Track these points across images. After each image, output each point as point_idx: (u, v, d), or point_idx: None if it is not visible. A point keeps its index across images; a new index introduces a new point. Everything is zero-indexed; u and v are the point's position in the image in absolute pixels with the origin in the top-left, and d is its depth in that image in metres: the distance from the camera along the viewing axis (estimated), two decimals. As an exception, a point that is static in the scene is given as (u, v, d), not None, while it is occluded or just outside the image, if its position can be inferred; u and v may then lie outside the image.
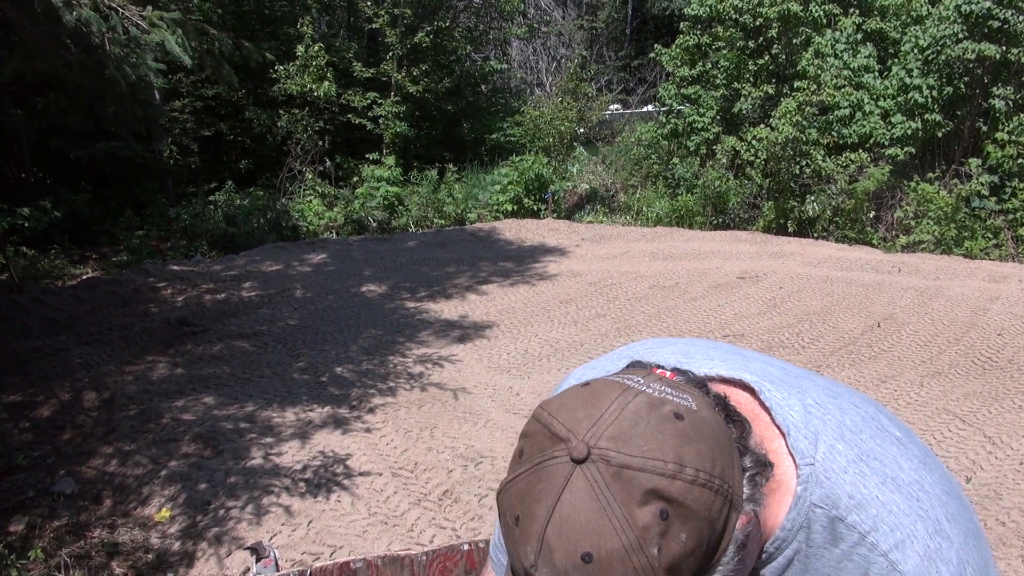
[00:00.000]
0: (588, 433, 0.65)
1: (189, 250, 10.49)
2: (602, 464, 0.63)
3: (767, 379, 0.83)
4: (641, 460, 0.63)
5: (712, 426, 0.68)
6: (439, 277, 9.01)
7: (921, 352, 6.53)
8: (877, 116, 12.13)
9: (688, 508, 0.63)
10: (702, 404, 0.70)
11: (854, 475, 0.76)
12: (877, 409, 0.85)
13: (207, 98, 13.68)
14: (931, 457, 0.82)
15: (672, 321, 7.30)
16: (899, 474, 0.77)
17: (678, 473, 0.63)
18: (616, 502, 0.62)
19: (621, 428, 0.65)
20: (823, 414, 0.80)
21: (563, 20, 23.68)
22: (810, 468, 0.76)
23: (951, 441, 4.82)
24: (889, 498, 0.75)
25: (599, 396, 0.69)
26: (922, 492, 0.76)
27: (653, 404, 0.67)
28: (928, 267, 9.44)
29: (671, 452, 0.64)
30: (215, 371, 5.89)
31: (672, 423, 0.66)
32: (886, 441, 0.79)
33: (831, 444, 0.77)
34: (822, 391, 0.84)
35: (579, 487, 0.63)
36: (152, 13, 4.92)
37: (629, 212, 13.26)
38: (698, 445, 0.65)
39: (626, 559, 0.61)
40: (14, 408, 5.18)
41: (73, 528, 3.89)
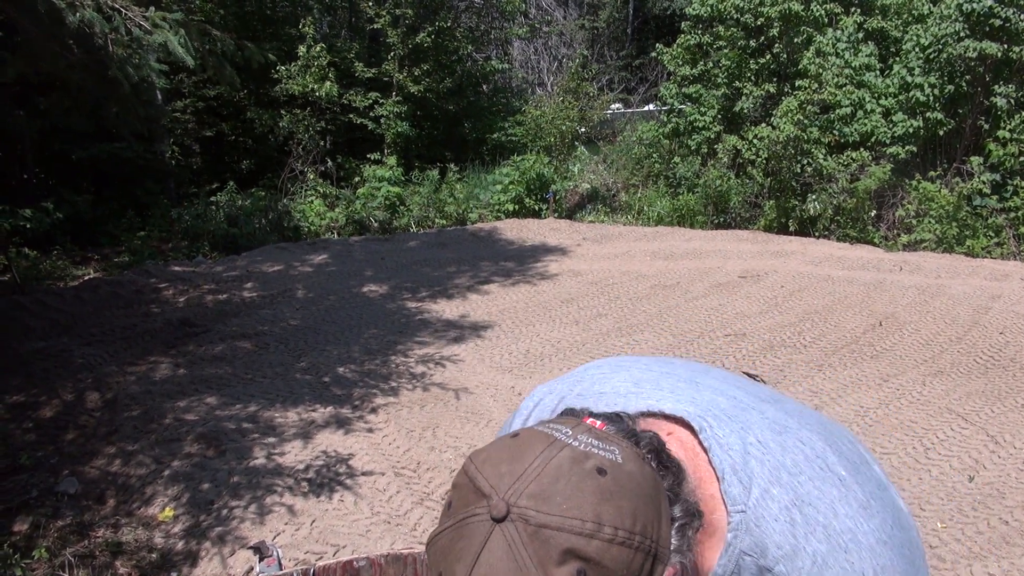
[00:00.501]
0: (509, 490, 0.65)
1: (191, 251, 10.50)
2: (520, 523, 0.63)
3: (711, 413, 0.82)
4: (559, 519, 0.63)
5: (637, 479, 0.67)
6: (440, 277, 9.01)
7: (923, 351, 6.53)
8: (878, 115, 12.12)
9: (606, 567, 0.62)
10: (629, 456, 0.69)
11: (784, 523, 0.75)
12: (826, 443, 0.83)
13: (209, 98, 13.70)
14: (877, 497, 0.80)
15: (673, 320, 7.31)
16: (832, 522, 0.75)
17: (596, 532, 0.62)
18: (532, 563, 0.62)
19: (542, 485, 0.65)
20: (763, 454, 0.79)
21: (564, 20, 23.68)
22: (741, 515, 0.75)
23: (953, 440, 4.82)
24: (816, 548, 0.74)
25: (524, 450, 0.68)
26: (852, 543, 0.75)
27: (576, 459, 0.67)
28: (930, 266, 9.44)
29: (590, 511, 0.63)
30: (217, 371, 5.89)
31: (594, 479, 0.65)
32: (826, 483, 0.78)
33: (765, 488, 0.76)
34: (768, 426, 0.82)
35: (497, 546, 0.63)
36: (155, 14, 4.93)
37: (630, 211, 13.26)
38: (619, 502, 0.64)
39: None
40: (17, 408, 5.19)
41: (77, 528, 3.90)
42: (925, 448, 4.73)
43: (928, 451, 4.69)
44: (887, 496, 0.82)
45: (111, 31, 4.70)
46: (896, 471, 4.46)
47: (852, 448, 0.86)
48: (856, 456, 0.84)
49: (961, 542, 3.75)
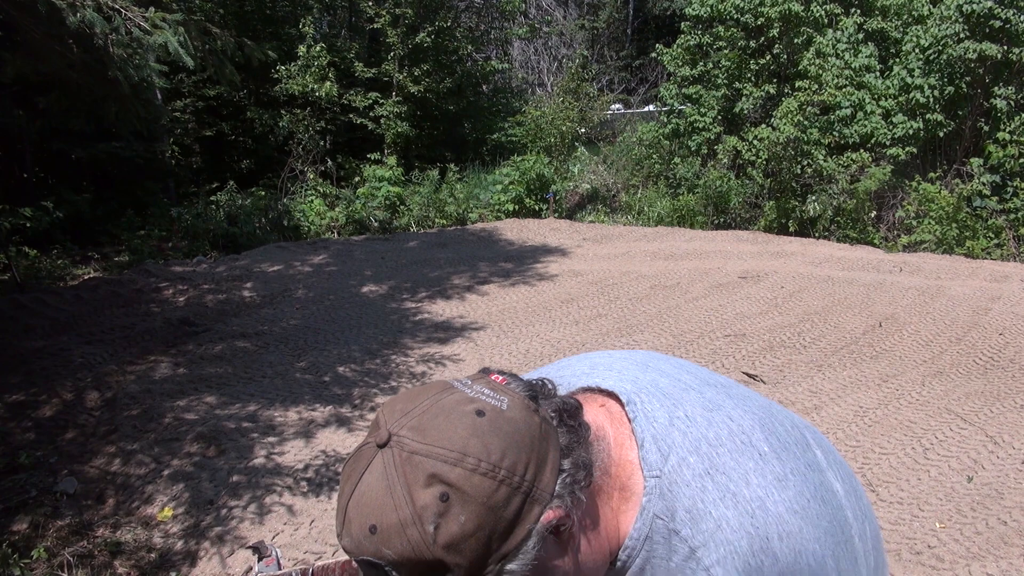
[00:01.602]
0: (395, 423, 0.73)
1: (191, 250, 10.50)
2: (397, 449, 0.71)
3: (646, 391, 0.86)
4: (428, 448, 0.70)
5: (517, 425, 0.73)
6: (440, 277, 9.01)
7: (923, 352, 6.53)
8: (878, 116, 12.13)
9: (467, 493, 0.69)
10: (516, 405, 0.75)
11: (696, 489, 0.79)
12: (758, 424, 0.85)
13: (209, 98, 13.70)
14: (800, 474, 0.82)
15: (673, 321, 7.31)
16: (742, 490, 0.78)
17: (459, 461, 0.69)
18: (400, 483, 0.69)
19: (423, 420, 0.72)
20: (687, 427, 0.82)
21: (564, 20, 23.69)
22: (656, 480, 0.80)
23: (953, 441, 4.82)
24: (722, 513, 0.77)
25: (421, 393, 0.76)
26: (760, 510, 0.78)
27: (461, 402, 0.74)
28: (929, 267, 9.44)
29: (458, 443, 0.70)
30: (217, 371, 5.89)
31: (470, 418, 0.72)
32: (744, 456, 0.81)
33: (683, 457, 0.80)
34: (701, 404, 0.86)
35: (376, 469, 0.71)
36: (155, 14, 4.93)
37: (630, 212, 13.26)
38: (488, 439, 0.71)
39: (402, 532, 0.68)
40: (16, 408, 5.19)
41: (76, 527, 3.90)
42: (924, 448, 4.73)
43: (927, 451, 4.69)
44: (816, 476, 0.84)
45: (111, 31, 4.70)
46: (895, 471, 4.46)
47: (791, 433, 0.88)
48: (792, 440, 0.86)
49: (959, 542, 3.76)
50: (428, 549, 0.68)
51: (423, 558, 0.69)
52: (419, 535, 0.68)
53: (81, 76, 5.71)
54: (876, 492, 4.24)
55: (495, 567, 0.72)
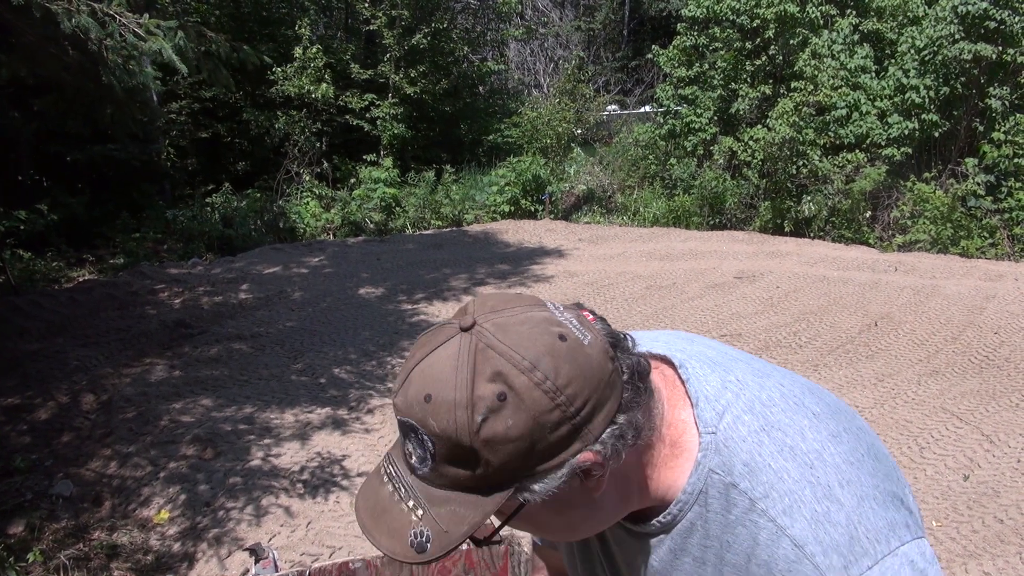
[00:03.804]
0: (483, 316, 0.75)
1: (186, 252, 10.48)
2: (476, 338, 0.73)
3: (697, 358, 0.88)
4: (505, 348, 0.72)
5: (591, 363, 0.74)
6: (437, 279, 9.01)
7: (918, 351, 6.55)
8: (874, 116, 12.16)
9: (523, 402, 0.70)
10: (596, 345, 0.76)
11: (752, 444, 0.80)
12: (806, 389, 0.87)
13: (204, 100, 13.67)
14: (851, 432, 0.84)
15: (669, 321, 7.31)
16: (799, 444, 0.80)
17: (528, 371, 0.71)
18: (468, 368, 0.71)
19: (509, 322, 0.74)
20: (739, 389, 0.84)
21: (560, 21, 23.70)
22: (711, 436, 0.81)
23: (948, 439, 4.83)
24: (782, 466, 0.78)
25: (514, 300, 0.78)
26: (818, 460, 0.79)
27: (548, 321, 0.75)
28: (924, 266, 9.47)
29: (533, 354, 0.72)
30: (213, 373, 5.89)
31: (552, 338, 0.73)
32: (798, 415, 0.83)
33: (737, 415, 0.82)
34: (751, 372, 0.87)
35: (451, 347, 0.73)
36: (149, 21, 4.93)
37: (626, 213, 13.27)
38: (561, 363, 0.72)
39: (452, 411, 0.70)
40: (12, 411, 5.18)
41: (72, 530, 3.89)
42: (920, 447, 4.74)
43: (923, 450, 4.71)
44: (868, 438, 0.85)
45: (105, 37, 4.69)
46: (891, 471, 4.47)
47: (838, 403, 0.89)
48: (840, 407, 0.88)
49: (956, 540, 3.77)
50: (469, 436, 0.70)
51: (461, 442, 0.71)
52: (466, 420, 0.70)
53: (76, 79, 5.71)
54: (872, 491, 4.25)
55: (521, 482, 0.74)
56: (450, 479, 0.74)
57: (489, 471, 0.73)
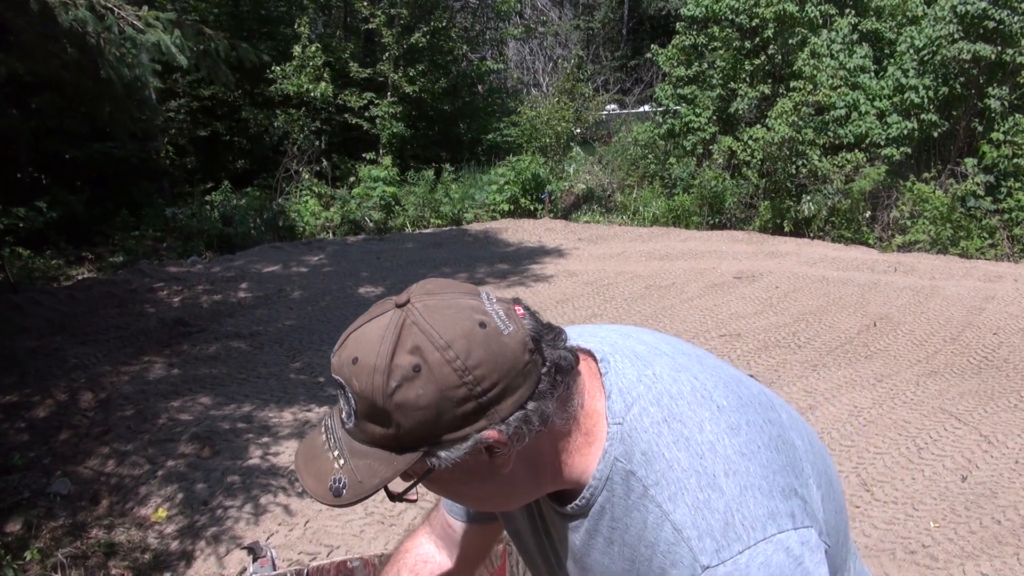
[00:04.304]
0: (417, 297, 0.84)
1: (185, 250, 10.47)
2: (405, 314, 0.82)
3: (622, 352, 0.95)
4: (427, 326, 0.80)
5: (505, 351, 0.81)
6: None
7: (917, 351, 6.55)
8: (873, 116, 12.16)
9: (434, 375, 0.78)
10: (516, 336, 0.83)
11: (652, 434, 0.86)
12: (721, 383, 0.93)
13: (203, 98, 13.66)
14: (756, 425, 0.89)
15: (668, 321, 7.32)
16: (695, 435, 0.86)
17: (442, 349, 0.79)
18: (391, 339, 0.80)
19: (439, 305, 0.82)
20: (652, 383, 0.90)
21: (559, 20, 23.70)
22: (618, 427, 0.88)
23: (947, 440, 4.83)
24: (675, 455, 0.85)
25: (452, 287, 0.86)
26: (710, 451, 0.85)
27: (474, 308, 0.83)
28: (924, 267, 9.47)
29: (449, 335, 0.80)
30: (212, 371, 5.88)
31: (472, 324, 0.81)
32: (702, 407, 0.88)
33: (644, 407, 0.88)
34: (671, 366, 0.93)
35: (384, 319, 0.82)
36: (148, 13, 4.92)
37: (626, 212, 13.27)
38: (473, 346, 0.80)
39: (371, 375, 0.79)
40: (10, 408, 5.18)
41: (70, 528, 3.89)
42: (918, 448, 4.74)
43: (921, 451, 4.71)
44: (774, 430, 0.90)
45: (103, 30, 4.68)
46: (889, 470, 4.47)
47: (756, 396, 0.94)
48: (755, 401, 0.93)
49: (954, 541, 3.77)
50: (383, 398, 0.79)
51: (376, 403, 0.79)
52: (382, 383, 0.79)
53: (75, 76, 5.70)
54: (871, 491, 4.26)
55: (428, 447, 0.82)
56: (369, 435, 0.82)
57: (400, 432, 0.80)
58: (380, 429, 0.81)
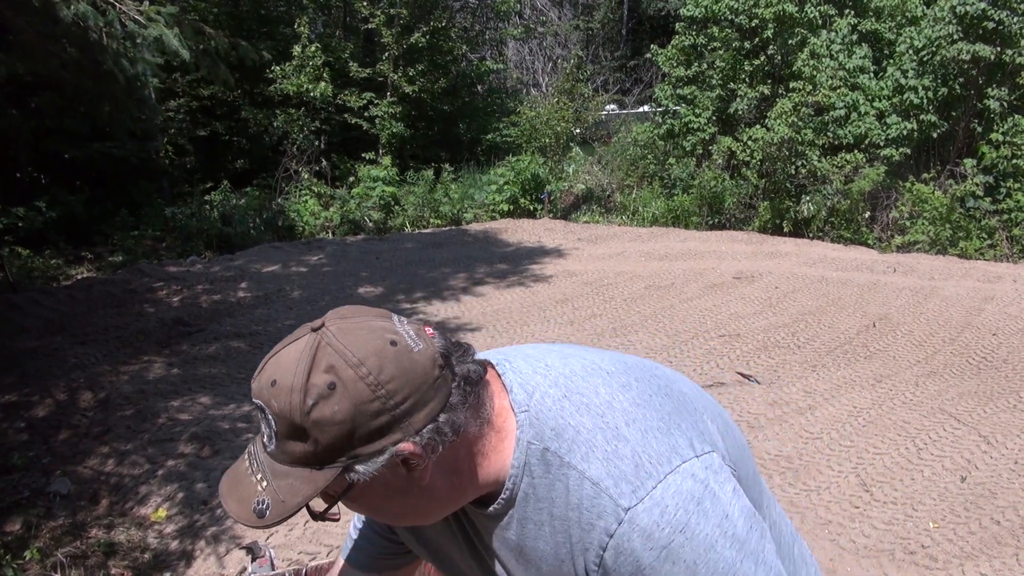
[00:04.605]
0: (332, 320, 0.88)
1: (185, 250, 10.47)
2: (320, 337, 0.86)
3: (515, 356, 1.02)
4: (341, 346, 0.84)
5: (416, 366, 0.86)
6: (435, 278, 9.01)
7: (916, 352, 6.55)
8: (872, 117, 12.16)
9: (348, 392, 0.83)
10: (425, 353, 0.88)
11: (556, 411, 0.93)
12: (606, 357, 1.02)
13: (203, 98, 13.65)
14: (644, 380, 0.98)
15: (668, 321, 7.32)
16: (593, 400, 0.94)
17: (355, 366, 0.83)
18: (307, 360, 0.84)
19: (351, 327, 0.87)
20: (546, 371, 0.98)
21: (559, 20, 23.70)
22: (525, 414, 0.94)
23: (946, 440, 4.84)
24: (579, 421, 0.92)
25: (365, 312, 0.91)
26: (608, 409, 0.93)
27: (386, 329, 0.88)
28: (923, 267, 9.48)
29: (362, 353, 0.84)
30: (211, 371, 5.88)
31: (383, 342, 0.86)
32: (593, 377, 0.97)
33: (544, 391, 0.95)
34: (559, 356, 1.02)
35: (300, 343, 0.86)
36: (149, 8, 4.91)
37: (625, 212, 13.27)
38: (386, 363, 0.84)
39: (289, 394, 0.83)
40: (9, 408, 5.17)
41: (70, 528, 3.88)
42: (918, 448, 4.75)
43: (921, 451, 4.71)
44: (658, 381, 0.99)
45: (105, 25, 4.68)
46: (889, 471, 4.48)
47: (638, 362, 1.03)
48: (636, 364, 1.02)
49: (953, 542, 3.77)
50: (300, 416, 0.82)
51: (294, 421, 0.83)
52: (299, 402, 0.82)
53: (75, 76, 5.69)
54: (870, 492, 4.26)
55: (346, 460, 0.85)
56: (289, 455, 0.86)
57: (319, 449, 0.84)
58: (300, 447, 0.85)
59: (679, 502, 0.87)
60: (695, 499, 0.87)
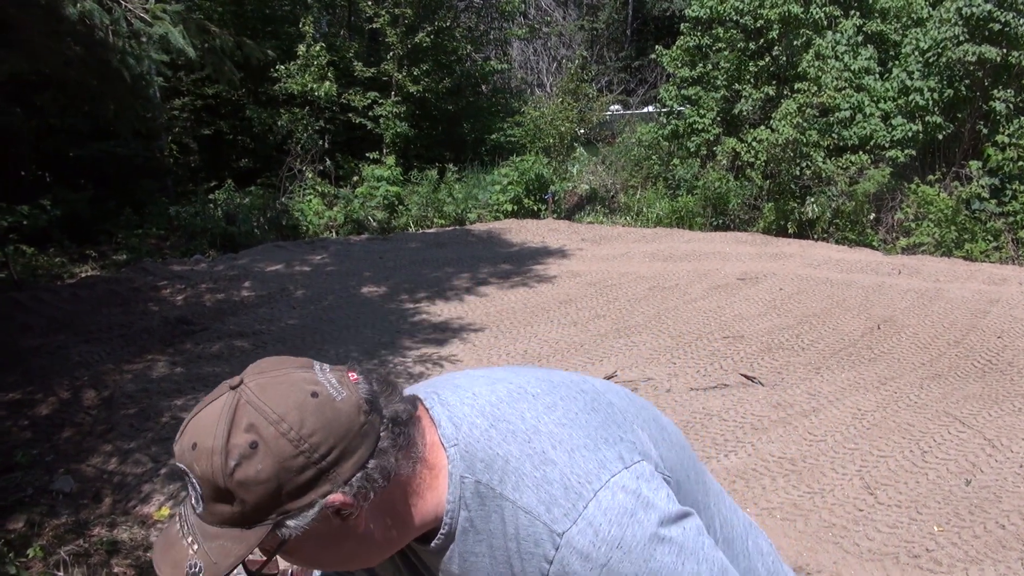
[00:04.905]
0: (251, 376, 0.87)
1: (189, 249, 10.48)
2: (239, 395, 0.84)
3: (444, 387, 1.01)
4: (260, 403, 0.83)
5: (339, 416, 0.85)
6: (439, 278, 9.00)
7: (921, 354, 6.53)
8: (878, 118, 12.13)
9: (270, 449, 0.82)
10: (349, 401, 0.87)
11: (484, 441, 0.93)
12: (533, 378, 1.01)
13: (207, 97, 13.66)
14: (568, 399, 0.97)
15: (672, 322, 7.30)
16: (519, 425, 0.93)
17: (276, 423, 0.82)
18: (227, 420, 0.83)
19: (269, 382, 0.86)
20: (473, 400, 0.97)
21: (564, 21, 23.68)
22: (455, 448, 0.94)
23: (951, 443, 4.82)
24: (507, 450, 0.92)
25: (284, 363, 0.90)
26: (534, 434, 0.93)
27: (306, 380, 0.87)
28: (928, 269, 9.45)
29: (282, 409, 0.83)
30: (214, 370, 5.88)
31: (303, 395, 0.85)
32: (519, 402, 0.96)
33: (472, 422, 0.95)
34: (486, 383, 1.01)
35: (219, 403, 0.85)
36: (155, 6, 4.92)
37: (629, 213, 13.25)
38: (307, 416, 0.83)
39: (210, 457, 0.81)
40: (13, 406, 5.18)
41: (73, 526, 3.88)
42: (922, 451, 4.73)
43: (925, 454, 4.69)
44: (584, 397, 0.99)
45: (112, 23, 4.68)
46: (893, 474, 4.46)
47: (564, 379, 1.03)
48: (563, 382, 1.01)
49: (957, 546, 3.75)
50: (224, 479, 0.82)
51: (218, 484, 0.82)
52: (220, 464, 0.81)
53: (79, 73, 5.70)
54: (874, 495, 4.24)
55: (276, 517, 0.84)
56: (217, 517, 0.85)
57: (246, 509, 0.83)
58: (227, 509, 0.84)
59: (612, 518, 0.87)
60: (628, 512, 0.88)
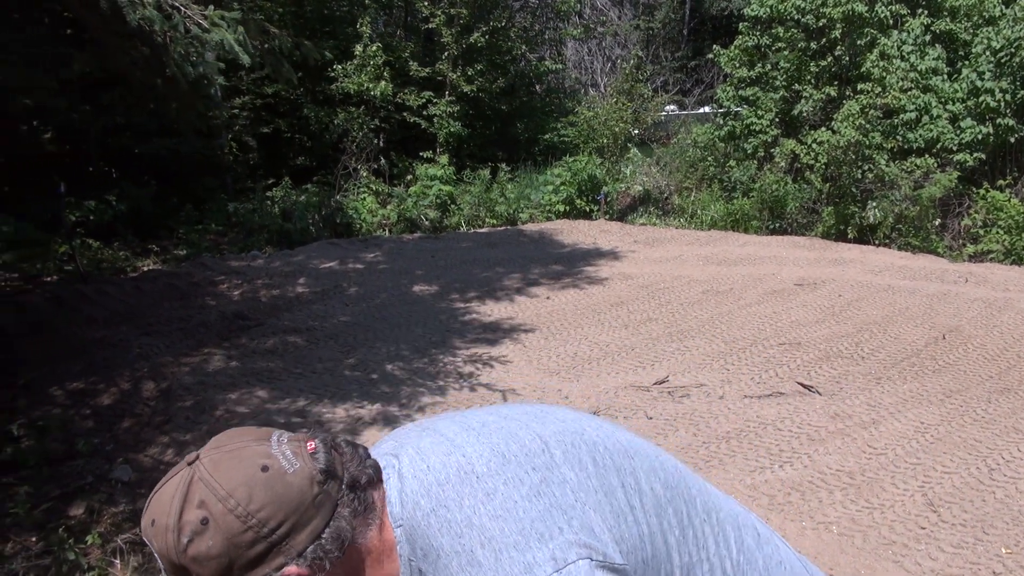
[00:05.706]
0: (206, 452, 0.89)
1: (246, 245, 10.69)
2: (193, 471, 0.87)
3: (406, 452, 0.99)
4: (211, 480, 0.85)
5: (290, 489, 0.87)
6: (490, 277, 9.00)
7: (989, 367, 6.27)
8: (945, 120, 11.72)
9: (219, 526, 0.84)
10: (302, 473, 0.88)
11: (424, 527, 0.93)
12: (489, 449, 0.96)
13: (266, 96, 13.93)
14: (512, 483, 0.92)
15: (726, 327, 7.16)
16: (456, 516, 0.91)
17: (224, 499, 0.84)
18: (180, 497, 0.85)
19: (222, 458, 0.88)
20: (424, 475, 0.96)
21: (619, 20, 23.49)
22: (400, 529, 0.95)
23: (1021, 461, 4.60)
24: (440, 543, 0.91)
25: (242, 435, 0.91)
26: (467, 528, 0.90)
27: (258, 455, 0.88)
28: (997, 278, 9.07)
29: (231, 485, 0.85)
30: (268, 365, 5.97)
31: (253, 470, 0.86)
32: (463, 484, 0.93)
33: (416, 502, 0.94)
34: (444, 450, 0.97)
35: (176, 479, 0.87)
36: (213, 12, 5.01)
37: (683, 215, 13.07)
38: (256, 491, 0.85)
39: (165, 534, 0.85)
40: (77, 395, 5.34)
41: (129, 515, 3.98)
42: (990, 468, 4.53)
43: (993, 472, 4.49)
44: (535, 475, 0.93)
45: (170, 29, 4.79)
46: (958, 491, 4.28)
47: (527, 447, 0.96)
48: (523, 452, 0.96)
49: (1028, 570, 3.58)
50: (177, 555, 0.84)
51: (173, 560, 0.85)
52: (174, 541, 0.84)
53: (144, 74, 5.85)
54: (938, 512, 4.07)
55: None
56: None
57: None
58: None
59: None
60: None
